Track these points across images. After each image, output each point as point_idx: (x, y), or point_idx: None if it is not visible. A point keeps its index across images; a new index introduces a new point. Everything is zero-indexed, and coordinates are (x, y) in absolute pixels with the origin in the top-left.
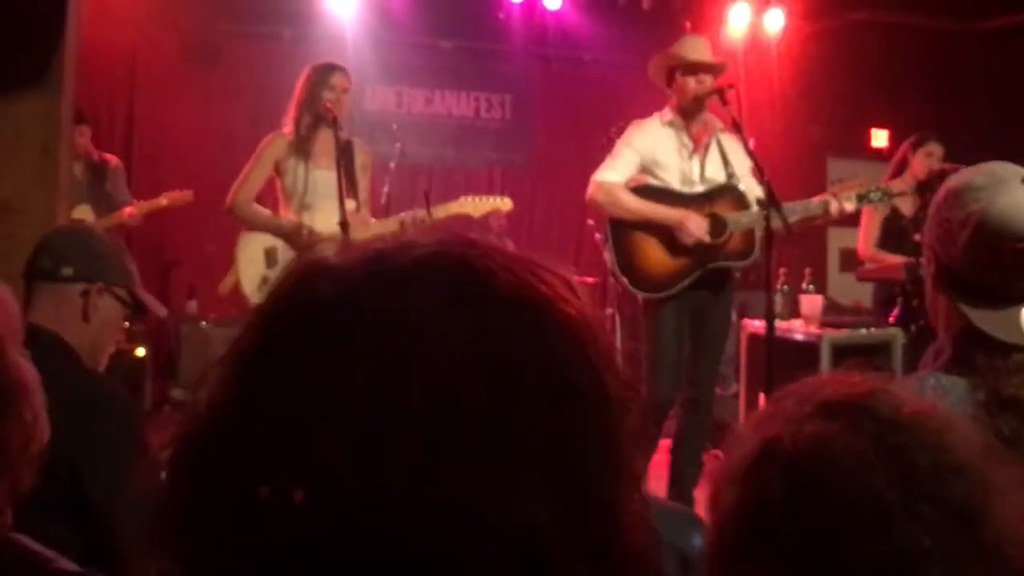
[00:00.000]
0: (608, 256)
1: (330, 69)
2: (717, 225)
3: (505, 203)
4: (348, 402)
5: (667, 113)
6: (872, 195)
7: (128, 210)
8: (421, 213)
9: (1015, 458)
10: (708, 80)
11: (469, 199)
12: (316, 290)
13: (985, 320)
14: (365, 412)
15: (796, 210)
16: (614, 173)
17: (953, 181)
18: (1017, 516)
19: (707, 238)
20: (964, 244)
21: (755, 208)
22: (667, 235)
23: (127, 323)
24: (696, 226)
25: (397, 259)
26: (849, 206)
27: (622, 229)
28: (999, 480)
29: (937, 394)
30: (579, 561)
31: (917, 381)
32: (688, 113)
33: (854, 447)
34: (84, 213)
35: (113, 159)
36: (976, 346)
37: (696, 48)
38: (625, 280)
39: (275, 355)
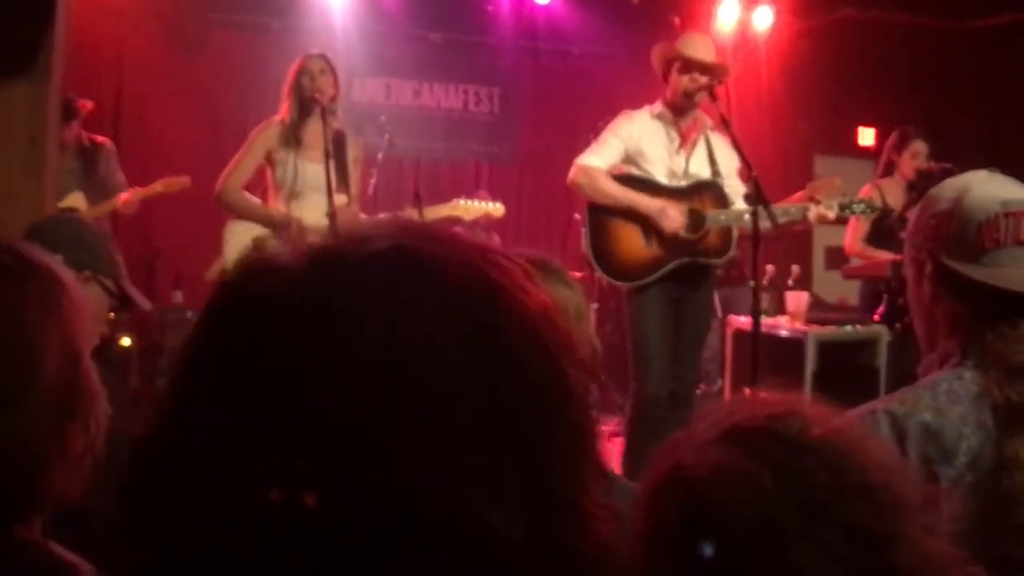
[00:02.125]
0: (583, 242)
1: (307, 57)
2: (695, 220)
3: (497, 208)
4: (288, 403)
5: (657, 106)
6: (855, 206)
7: (123, 196)
8: (412, 213)
9: None
10: (702, 79)
11: (461, 202)
12: (260, 288)
13: (996, 277)
14: (305, 413)
15: (776, 213)
16: (597, 158)
17: (928, 193)
18: (927, 535)
19: (683, 231)
20: (956, 225)
21: (739, 206)
22: (644, 225)
23: (112, 314)
24: (675, 216)
25: (347, 255)
26: (830, 214)
27: (600, 215)
28: (911, 499)
29: (951, 398)
30: (543, 554)
31: (930, 388)
32: (678, 108)
33: (753, 473)
34: (76, 201)
35: (105, 141)
36: (984, 321)
37: (696, 46)
38: (597, 266)
39: (217, 355)
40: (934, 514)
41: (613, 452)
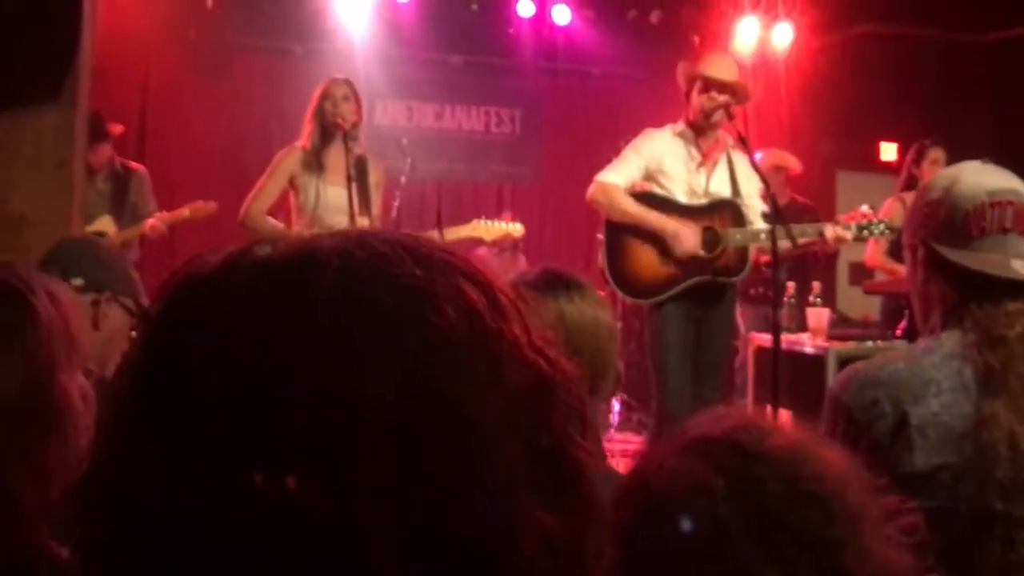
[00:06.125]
0: (600, 258)
1: (331, 82)
2: (711, 239)
3: (516, 228)
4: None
5: (679, 124)
6: (874, 227)
7: (150, 222)
8: (433, 235)
9: (1003, 386)
10: (720, 98)
11: (482, 223)
12: (186, 298)
13: (980, 262)
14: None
15: (794, 232)
16: (616, 175)
17: (923, 183)
18: (883, 545)
19: (699, 251)
20: (946, 213)
21: (758, 225)
22: (660, 243)
23: (133, 332)
24: (689, 239)
25: (259, 257)
26: (847, 235)
27: (617, 233)
28: (866, 509)
29: (925, 352)
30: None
31: (907, 349)
32: (699, 127)
33: (705, 480)
34: (105, 225)
35: (139, 167)
36: (970, 298)
37: (715, 65)
38: (612, 282)
39: (159, 369)
40: (893, 526)
41: None
